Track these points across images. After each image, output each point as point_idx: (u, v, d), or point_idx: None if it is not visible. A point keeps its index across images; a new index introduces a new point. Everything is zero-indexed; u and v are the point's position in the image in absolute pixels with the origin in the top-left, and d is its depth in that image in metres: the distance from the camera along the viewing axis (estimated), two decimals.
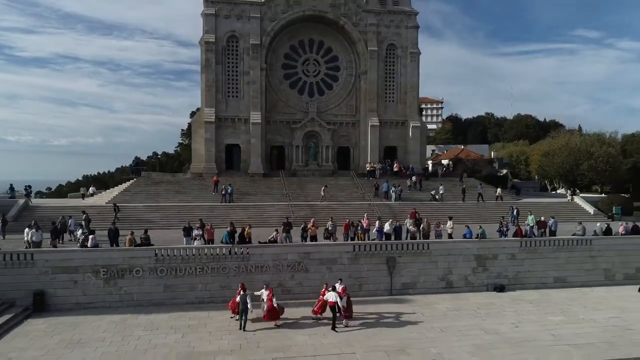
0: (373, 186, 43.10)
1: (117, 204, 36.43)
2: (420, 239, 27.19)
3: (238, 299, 20.32)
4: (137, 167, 49.57)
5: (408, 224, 28.74)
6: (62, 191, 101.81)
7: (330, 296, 20.38)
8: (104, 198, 42.51)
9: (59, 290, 22.74)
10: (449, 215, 30.76)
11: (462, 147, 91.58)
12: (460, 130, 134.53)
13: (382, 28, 50.41)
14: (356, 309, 21.60)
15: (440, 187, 43.35)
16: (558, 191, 65.11)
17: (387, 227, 26.99)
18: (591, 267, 28.00)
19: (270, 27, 48.27)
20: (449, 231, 28.22)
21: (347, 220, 28.43)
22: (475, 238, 27.01)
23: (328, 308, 20.56)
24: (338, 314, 20.33)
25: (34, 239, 23.69)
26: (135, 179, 45.63)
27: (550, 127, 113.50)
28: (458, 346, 18.24)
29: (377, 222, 28.31)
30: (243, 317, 19.90)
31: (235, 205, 39.45)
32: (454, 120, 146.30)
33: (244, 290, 20.36)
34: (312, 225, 27.15)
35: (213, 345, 18.13)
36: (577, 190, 55.52)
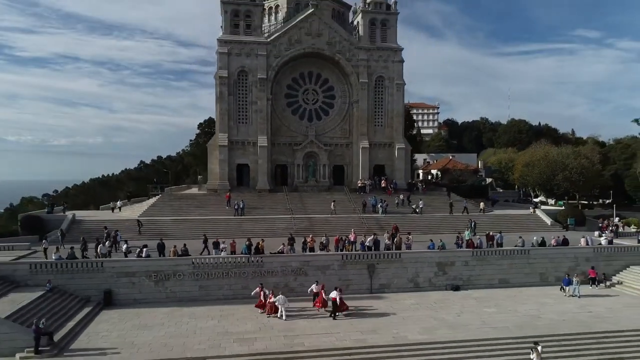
0: (361, 203, 50.63)
1: (140, 219, 44.13)
2: (393, 249, 34.88)
3: (273, 299, 27.79)
4: (162, 185, 57.34)
5: (385, 238, 36.43)
6: (69, 194, 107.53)
7: (333, 294, 28.11)
8: (135, 212, 50.19)
9: (122, 290, 30.58)
10: (407, 232, 38.45)
11: (451, 157, 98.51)
12: (456, 134, 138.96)
13: (372, 62, 58.15)
14: None
15: (420, 202, 51.06)
16: (539, 199, 71.90)
17: (368, 241, 34.67)
18: (529, 271, 35.71)
19: (275, 62, 55.99)
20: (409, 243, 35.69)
21: (338, 236, 36.19)
22: (437, 249, 34.73)
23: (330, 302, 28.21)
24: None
25: (102, 251, 31.50)
26: (160, 195, 53.41)
27: (543, 132, 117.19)
28: (412, 328, 25.95)
29: (369, 238, 35.44)
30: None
31: (246, 219, 47.13)
32: (449, 124, 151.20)
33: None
34: (311, 240, 34.84)
35: (241, 328, 25.88)
36: (540, 204, 63.07)
